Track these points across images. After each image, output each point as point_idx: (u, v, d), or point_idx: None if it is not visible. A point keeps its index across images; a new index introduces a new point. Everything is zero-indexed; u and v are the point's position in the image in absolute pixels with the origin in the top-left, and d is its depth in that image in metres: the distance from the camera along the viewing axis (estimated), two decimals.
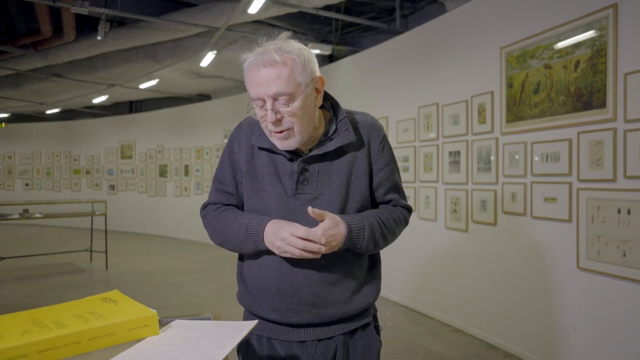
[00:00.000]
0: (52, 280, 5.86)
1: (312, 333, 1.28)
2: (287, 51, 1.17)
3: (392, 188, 1.37)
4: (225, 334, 0.92)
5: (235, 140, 1.36)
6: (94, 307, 0.97)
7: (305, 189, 1.27)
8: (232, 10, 5.10)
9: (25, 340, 0.77)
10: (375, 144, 1.34)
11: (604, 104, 2.65)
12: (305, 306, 1.26)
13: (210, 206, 1.40)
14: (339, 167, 1.29)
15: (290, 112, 1.18)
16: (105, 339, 0.86)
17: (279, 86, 1.15)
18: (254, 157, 1.32)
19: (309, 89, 1.21)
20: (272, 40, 1.22)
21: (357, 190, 1.31)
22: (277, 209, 1.27)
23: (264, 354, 1.30)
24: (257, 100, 1.19)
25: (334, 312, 1.27)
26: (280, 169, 1.29)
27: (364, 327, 1.35)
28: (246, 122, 1.38)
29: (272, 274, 1.27)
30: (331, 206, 1.27)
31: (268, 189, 1.28)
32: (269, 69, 1.15)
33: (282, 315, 1.27)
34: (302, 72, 1.18)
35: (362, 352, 1.33)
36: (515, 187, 3.32)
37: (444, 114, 4.11)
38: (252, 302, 1.33)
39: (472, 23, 3.81)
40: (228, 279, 5.97)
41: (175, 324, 1.00)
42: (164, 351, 0.85)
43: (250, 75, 1.19)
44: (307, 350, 1.28)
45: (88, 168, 11.68)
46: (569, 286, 2.91)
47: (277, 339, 1.30)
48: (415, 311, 4.46)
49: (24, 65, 7.38)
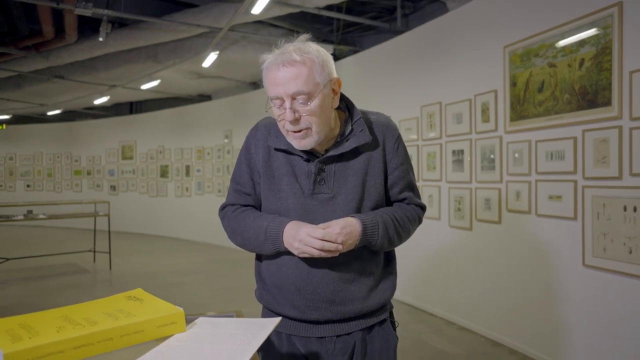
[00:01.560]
0: (56, 281, 5.87)
1: (331, 329, 1.31)
2: (306, 52, 1.20)
3: (406, 187, 1.39)
4: (251, 330, 0.94)
5: (252, 141, 1.38)
6: (120, 305, 0.98)
7: (322, 188, 1.30)
8: (234, 10, 5.12)
9: (61, 337, 0.79)
10: (390, 144, 1.36)
11: (609, 102, 2.67)
12: (324, 303, 1.28)
13: (229, 207, 1.42)
14: (355, 167, 1.31)
15: (309, 111, 1.20)
16: (135, 336, 0.88)
17: (298, 85, 1.18)
18: (270, 158, 1.34)
19: (327, 90, 1.23)
20: (291, 42, 1.25)
21: (372, 189, 1.33)
22: (295, 209, 1.29)
23: (284, 351, 1.32)
24: (276, 99, 1.21)
25: (352, 309, 1.29)
26: (297, 169, 1.31)
27: (380, 323, 1.37)
28: (262, 123, 1.40)
29: (291, 272, 1.29)
30: (348, 205, 1.29)
31: (286, 189, 1.31)
32: (289, 68, 1.18)
33: (301, 313, 1.29)
34: (320, 73, 1.21)
35: (380, 347, 1.35)
36: (520, 186, 3.34)
37: (447, 113, 4.13)
38: (271, 299, 1.35)
39: (475, 22, 3.83)
40: (230, 279, 5.99)
41: (199, 322, 1.01)
42: (194, 348, 0.86)
43: (269, 75, 1.22)
44: (326, 346, 1.31)
45: (89, 169, 11.68)
46: (574, 283, 2.93)
47: (296, 335, 1.32)
48: (418, 309, 4.48)
49: (26, 66, 7.39)
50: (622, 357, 2.62)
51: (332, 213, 1.28)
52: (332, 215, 1.27)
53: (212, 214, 8.85)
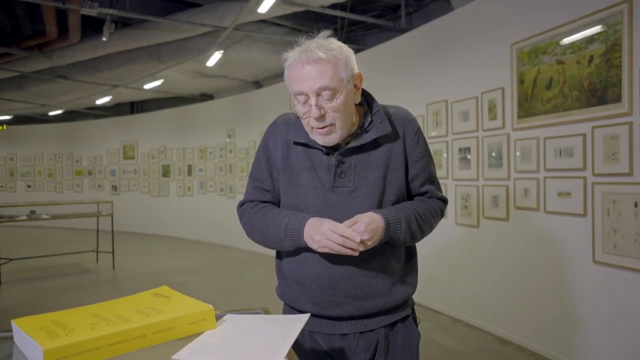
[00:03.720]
0: (60, 281, 5.86)
1: (354, 326, 1.30)
2: (330, 48, 1.20)
3: (427, 180, 1.38)
4: (282, 327, 0.94)
5: (271, 137, 1.37)
6: (149, 302, 0.98)
7: (343, 182, 1.28)
8: (239, 9, 5.12)
9: (97, 334, 0.78)
10: (410, 136, 1.35)
11: (619, 99, 2.67)
12: (347, 299, 1.27)
13: (248, 204, 1.40)
14: (376, 159, 1.30)
15: (333, 107, 1.20)
16: (168, 333, 0.88)
17: (324, 81, 1.18)
18: (289, 153, 1.33)
19: (350, 85, 1.23)
20: (313, 39, 1.24)
21: (393, 182, 1.32)
22: (316, 203, 1.28)
23: (307, 347, 1.32)
24: (300, 96, 1.21)
25: (375, 304, 1.29)
26: (316, 163, 1.30)
27: (403, 319, 1.37)
28: (281, 119, 1.39)
29: (312, 269, 1.28)
30: (369, 199, 1.28)
31: (305, 184, 1.30)
32: (314, 65, 1.18)
33: (323, 309, 1.29)
34: (344, 69, 1.21)
35: (403, 344, 1.35)
36: (528, 183, 3.34)
37: (453, 110, 4.13)
38: (293, 296, 1.34)
39: (481, 20, 3.82)
40: (234, 279, 5.99)
41: (228, 318, 1.01)
42: (229, 344, 0.86)
43: (293, 72, 1.21)
44: (349, 342, 1.30)
45: (90, 169, 11.67)
46: (584, 280, 2.93)
47: (319, 332, 1.31)
48: (425, 307, 4.48)
49: (28, 66, 7.38)
50: (633, 354, 2.62)
51: (353, 207, 1.27)
52: (353, 209, 1.26)
53: (215, 214, 8.91)
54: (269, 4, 4.54)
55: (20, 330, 0.81)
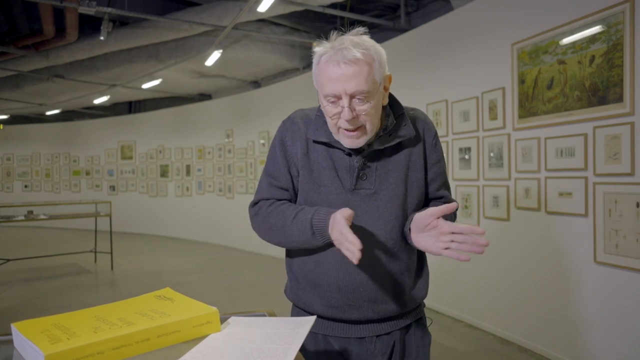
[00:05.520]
0: (58, 282, 5.82)
1: (371, 329, 1.28)
2: (366, 47, 1.13)
3: (443, 184, 1.36)
4: (288, 329, 0.92)
5: (288, 133, 1.30)
6: (152, 304, 0.96)
7: (364, 184, 1.25)
8: (238, 9, 5.10)
9: (100, 338, 0.76)
10: (429, 139, 1.33)
11: (620, 99, 2.66)
12: (366, 302, 1.25)
13: (263, 202, 1.32)
14: (397, 162, 1.27)
15: (366, 110, 1.15)
16: (172, 336, 0.86)
17: (359, 84, 1.12)
18: (309, 151, 1.27)
19: (381, 87, 1.19)
20: (345, 35, 1.17)
21: (414, 185, 1.29)
22: (337, 204, 1.23)
23: (321, 350, 1.29)
24: (331, 96, 1.15)
25: (393, 307, 1.27)
26: (337, 163, 1.25)
27: (416, 321, 1.36)
28: (298, 116, 1.32)
29: (333, 271, 1.24)
30: (391, 202, 1.25)
31: (327, 183, 1.25)
32: (350, 66, 1.11)
33: (341, 312, 1.25)
34: (379, 70, 1.15)
35: (416, 346, 1.34)
36: (529, 183, 3.33)
37: (453, 110, 4.11)
38: (306, 298, 1.31)
39: (481, 20, 3.81)
40: (233, 278, 5.96)
41: (232, 321, 0.99)
42: (235, 347, 0.84)
43: (326, 71, 1.14)
44: (366, 346, 1.28)
45: (88, 169, 11.62)
46: (585, 280, 2.92)
47: (334, 336, 1.28)
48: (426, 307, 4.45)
49: (25, 66, 7.33)
50: (635, 354, 2.62)
51: (375, 210, 1.24)
52: (375, 212, 1.23)
53: (213, 214, 8.89)
54: (269, 3, 4.52)
55: (20, 334, 0.79)
